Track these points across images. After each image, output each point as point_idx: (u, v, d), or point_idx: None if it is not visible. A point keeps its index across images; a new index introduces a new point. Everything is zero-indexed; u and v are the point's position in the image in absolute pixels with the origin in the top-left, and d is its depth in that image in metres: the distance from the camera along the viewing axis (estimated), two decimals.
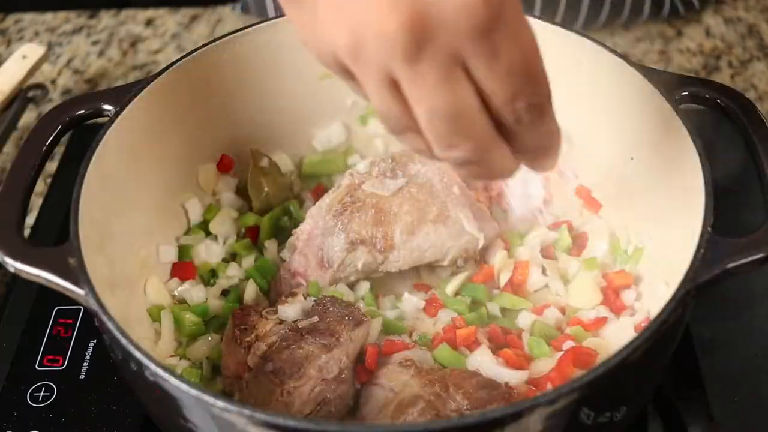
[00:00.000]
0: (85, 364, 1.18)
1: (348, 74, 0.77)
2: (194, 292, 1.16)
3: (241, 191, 1.28)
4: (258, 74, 1.25)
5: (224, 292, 1.19)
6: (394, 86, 0.72)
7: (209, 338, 1.12)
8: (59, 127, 1.08)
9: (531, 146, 0.80)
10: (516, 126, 0.76)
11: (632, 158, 1.16)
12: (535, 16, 1.18)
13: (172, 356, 1.11)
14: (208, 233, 1.24)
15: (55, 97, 1.66)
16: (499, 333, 1.10)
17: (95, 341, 1.20)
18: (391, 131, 0.77)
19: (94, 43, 1.79)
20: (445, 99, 0.71)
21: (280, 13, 1.20)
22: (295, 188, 1.31)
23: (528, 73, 0.74)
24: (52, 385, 1.16)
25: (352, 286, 1.18)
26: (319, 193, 1.28)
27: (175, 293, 1.17)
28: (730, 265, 0.90)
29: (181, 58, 1.16)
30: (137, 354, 0.86)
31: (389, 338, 1.09)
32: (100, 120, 1.10)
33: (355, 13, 0.71)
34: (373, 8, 0.69)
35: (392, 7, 0.68)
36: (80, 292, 0.91)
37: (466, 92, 0.72)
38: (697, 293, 0.89)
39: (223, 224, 1.24)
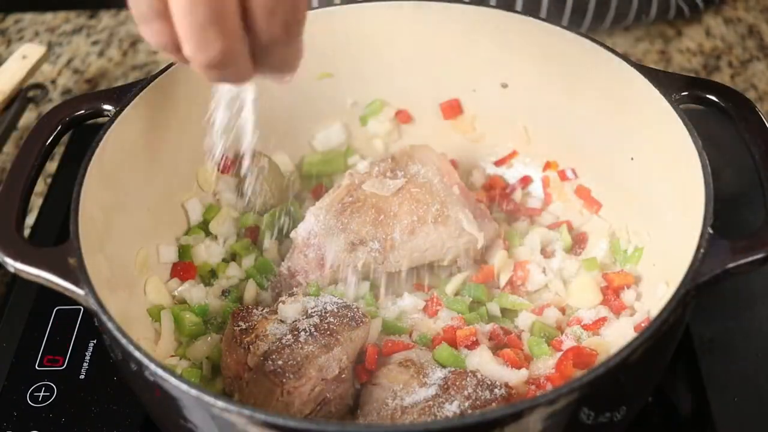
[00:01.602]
0: (85, 364, 1.18)
1: None
2: (194, 292, 1.16)
3: (241, 191, 1.28)
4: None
5: (224, 292, 1.19)
6: None
7: (209, 338, 1.12)
8: (59, 127, 1.08)
9: (275, 62, 0.82)
10: (267, 40, 0.78)
11: (632, 158, 1.16)
12: (539, 18, 1.18)
13: (172, 356, 1.11)
14: (208, 233, 1.24)
15: (55, 97, 1.66)
16: (499, 333, 1.10)
17: (95, 341, 1.20)
18: (139, 17, 0.77)
19: (94, 43, 1.79)
20: None
21: None
22: (295, 188, 1.31)
23: None
24: (52, 385, 1.16)
25: (352, 286, 1.18)
26: (319, 193, 1.28)
27: (175, 293, 1.17)
28: (730, 265, 0.90)
29: None
30: (137, 354, 0.86)
31: (389, 338, 1.09)
32: (100, 120, 1.10)
33: None
34: None
35: None
36: (80, 292, 0.91)
37: None
38: (697, 293, 0.89)
39: (223, 224, 1.24)
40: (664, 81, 1.08)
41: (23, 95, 1.55)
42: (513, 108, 1.28)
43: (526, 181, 1.31)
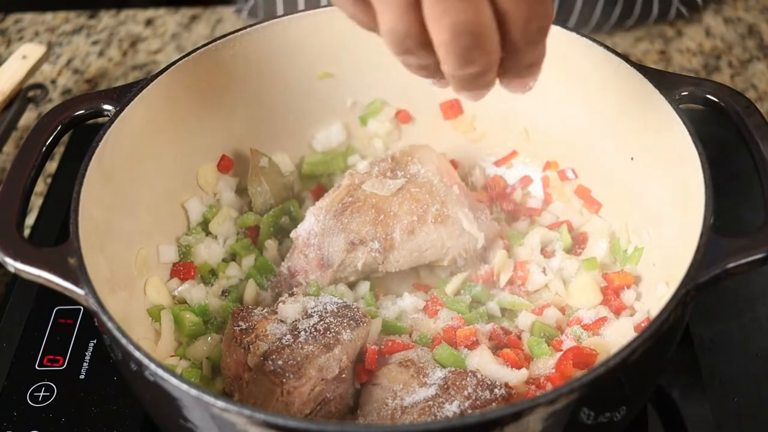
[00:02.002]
0: (85, 364, 1.18)
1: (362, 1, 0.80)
2: (194, 292, 1.16)
3: (241, 191, 1.29)
4: (258, 74, 1.25)
5: (224, 292, 1.19)
6: (416, 3, 0.76)
7: (209, 338, 1.12)
8: (59, 127, 1.08)
9: (526, 64, 0.85)
10: (523, 46, 0.81)
11: (632, 158, 1.16)
12: None
13: (172, 356, 1.11)
14: (208, 233, 1.24)
15: (55, 97, 1.66)
16: (499, 333, 1.10)
17: (95, 341, 1.21)
18: (402, 51, 0.81)
19: (94, 43, 1.79)
20: (471, 14, 0.75)
21: (288, 13, 1.21)
22: (295, 188, 1.31)
23: None
24: (52, 385, 1.16)
25: (352, 286, 1.18)
26: (319, 193, 1.28)
27: (175, 293, 1.17)
28: (730, 265, 0.90)
29: (181, 58, 1.16)
30: (137, 354, 0.86)
31: (389, 338, 1.09)
32: (100, 120, 1.10)
33: None
34: None
35: None
36: (80, 292, 0.91)
37: (487, 9, 0.76)
38: (697, 293, 0.89)
39: (223, 224, 1.24)
40: (664, 81, 1.07)
41: (23, 95, 1.55)
42: (513, 108, 1.28)
43: (526, 181, 1.31)
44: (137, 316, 1.11)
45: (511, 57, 0.83)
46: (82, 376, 1.17)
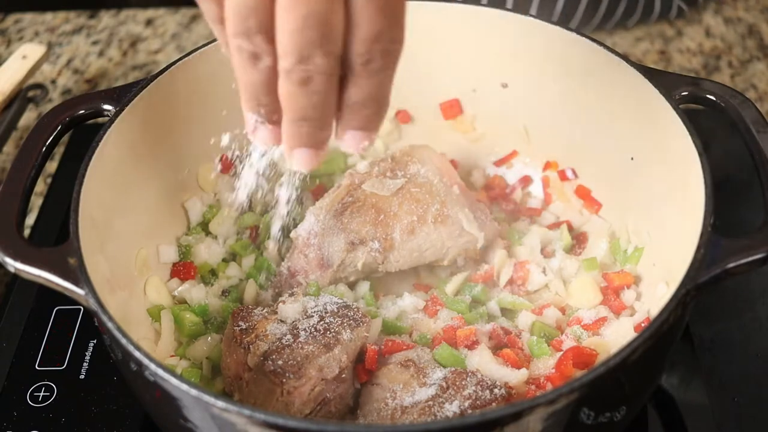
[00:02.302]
0: (85, 364, 1.18)
1: None
2: (194, 292, 1.16)
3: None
4: None
5: (224, 292, 1.19)
6: None
7: (209, 338, 1.12)
8: (59, 127, 1.08)
9: (363, 98, 0.80)
10: (362, 68, 0.78)
11: (632, 158, 1.16)
12: (539, 18, 1.18)
13: (172, 356, 1.11)
14: (208, 233, 1.24)
15: (55, 97, 1.66)
16: (499, 333, 1.10)
17: (95, 341, 1.20)
18: (240, 31, 0.76)
19: (94, 43, 1.79)
20: (323, 8, 0.73)
21: None
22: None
23: (397, 17, 0.77)
24: (52, 385, 1.16)
25: (352, 286, 1.18)
26: (319, 193, 1.28)
27: (175, 293, 1.17)
28: (730, 265, 0.90)
29: (181, 58, 1.16)
30: (137, 354, 0.86)
31: (389, 338, 1.09)
32: (100, 120, 1.10)
33: None
34: None
35: None
36: (80, 292, 0.91)
37: (340, 10, 0.74)
38: (697, 293, 0.89)
39: (223, 224, 1.24)
40: (664, 81, 1.07)
41: (23, 95, 1.55)
42: (513, 108, 1.28)
43: (526, 181, 1.31)
44: (137, 316, 1.11)
45: (348, 82, 0.79)
46: (82, 376, 1.17)
